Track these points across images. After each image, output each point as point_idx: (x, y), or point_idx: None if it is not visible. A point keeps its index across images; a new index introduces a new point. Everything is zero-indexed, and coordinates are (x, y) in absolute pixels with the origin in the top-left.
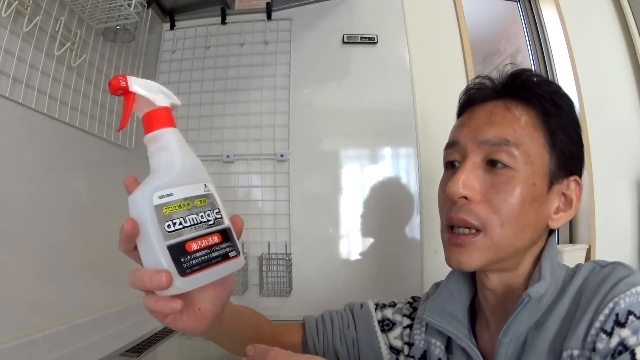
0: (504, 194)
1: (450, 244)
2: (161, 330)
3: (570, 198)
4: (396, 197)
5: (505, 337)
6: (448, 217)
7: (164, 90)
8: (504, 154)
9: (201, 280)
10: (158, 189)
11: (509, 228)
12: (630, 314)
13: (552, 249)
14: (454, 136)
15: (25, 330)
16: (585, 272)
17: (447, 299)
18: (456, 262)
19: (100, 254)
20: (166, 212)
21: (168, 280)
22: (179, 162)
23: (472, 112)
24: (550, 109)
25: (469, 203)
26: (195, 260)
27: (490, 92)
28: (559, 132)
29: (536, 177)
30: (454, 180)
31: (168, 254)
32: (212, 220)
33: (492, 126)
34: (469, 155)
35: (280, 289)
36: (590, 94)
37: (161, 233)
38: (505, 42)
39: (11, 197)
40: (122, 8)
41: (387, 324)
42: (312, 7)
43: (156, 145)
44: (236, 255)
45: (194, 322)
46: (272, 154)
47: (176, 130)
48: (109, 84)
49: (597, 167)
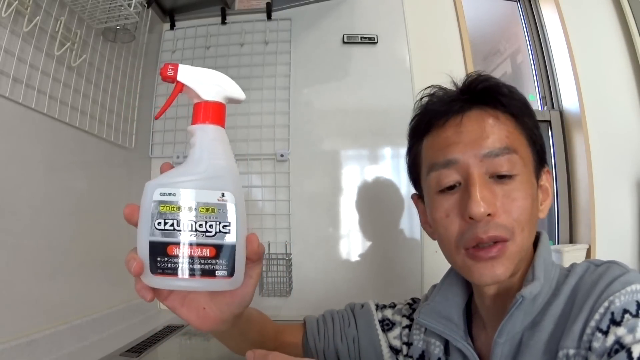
0: (519, 201)
1: (480, 260)
2: (161, 330)
3: (545, 187)
4: (396, 197)
5: (500, 338)
6: (474, 237)
7: (224, 83)
8: (506, 162)
9: (170, 284)
10: (162, 185)
11: (527, 230)
12: (625, 312)
13: (545, 249)
14: (447, 155)
15: (25, 330)
16: (579, 271)
17: (442, 302)
18: (491, 275)
19: (100, 254)
20: (162, 210)
21: (137, 270)
22: (199, 164)
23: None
24: (520, 109)
25: (492, 218)
26: (171, 264)
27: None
28: (534, 128)
29: (531, 176)
30: (474, 201)
31: (147, 249)
32: (212, 232)
33: (488, 137)
34: (473, 171)
35: (280, 289)
36: (590, 94)
37: (150, 227)
38: (505, 42)
39: (11, 197)
40: (122, 8)
41: (387, 324)
42: (312, 7)
43: (190, 139)
44: (225, 275)
45: (194, 317)
46: (272, 154)
47: (216, 128)
48: (160, 71)
49: (597, 167)
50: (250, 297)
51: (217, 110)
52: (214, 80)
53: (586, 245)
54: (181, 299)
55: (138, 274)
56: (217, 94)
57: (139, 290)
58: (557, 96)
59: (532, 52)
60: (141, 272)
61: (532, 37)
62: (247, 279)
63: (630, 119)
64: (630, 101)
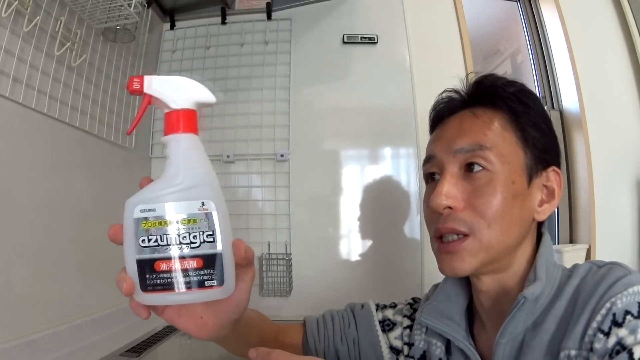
0: (486, 196)
1: (440, 252)
2: (161, 330)
3: (551, 188)
4: (396, 197)
5: (502, 338)
6: (436, 228)
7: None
8: (479, 158)
9: (162, 300)
10: (141, 202)
11: (496, 228)
12: (627, 313)
13: (547, 249)
14: (429, 151)
15: (25, 330)
16: (582, 272)
17: (444, 302)
18: (449, 269)
19: (100, 254)
20: (144, 227)
21: (127, 290)
22: (176, 176)
23: (443, 125)
24: (517, 107)
25: (454, 212)
26: (160, 280)
27: (458, 104)
28: (529, 129)
29: (514, 175)
30: (436, 193)
31: (135, 267)
32: (197, 243)
33: (463, 135)
34: (446, 166)
35: (280, 289)
36: (590, 93)
37: (134, 246)
38: (505, 42)
39: (11, 197)
40: (122, 8)
41: (387, 324)
42: (312, 7)
43: (165, 151)
44: (216, 284)
45: (192, 327)
46: (272, 154)
47: (189, 136)
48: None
49: (597, 167)
50: (246, 302)
51: (187, 118)
52: (181, 86)
53: (586, 245)
54: (178, 311)
55: (129, 293)
56: (186, 101)
57: (134, 308)
58: (557, 96)
59: (532, 52)
60: (132, 291)
61: (532, 37)
62: (241, 284)
63: (630, 119)
64: (630, 101)
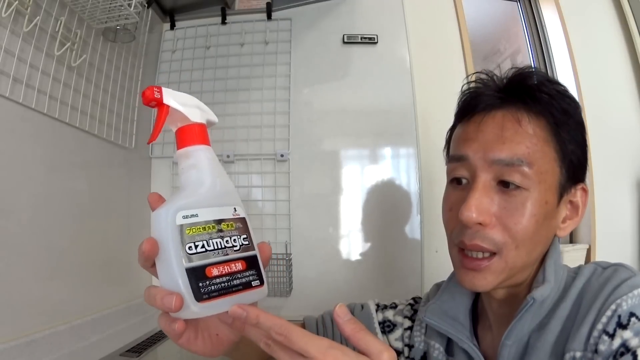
0: (519, 217)
1: (463, 267)
2: (161, 330)
3: (577, 205)
4: (396, 197)
5: (509, 340)
6: (461, 241)
7: (201, 105)
8: (517, 174)
9: (218, 308)
10: (183, 208)
11: (523, 249)
12: (632, 315)
13: (556, 252)
14: (460, 150)
15: (25, 330)
16: (587, 273)
17: (449, 301)
18: (470, 284)
19: (100, 254)
20: (189, 234)
21: (177, 304)
22: (209, 183)
23: (480, 124)
24: (561, 118)
25: (483, 228)
26: (215, 286)
27: (495, 100)
28: (569, 144)
29: (548, 194)
30: (467, 205)
31: (186, 277)
32: (237, 246)
33: (503, 143)
34: (479, 174)
35: (280, 289)
36: (590, 94)
37: (181, 255)
38: (505, 42)
39: (11, 197)
40: (122, 8)
41: (387, 325)
42: (312, 7)
43: (187, 162)
44: (259, 284)
45: (208, 346)
46: (272, 154)
47: (209, 148)
48: (142, 93)
49: (597, 167)
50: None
51: (205, 131)
52: (194, 103)
53: (586, 245)
54: (195, 331)
55: (180, 307)
56: (201, 117)
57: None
58: None
59: (532, 52)
60: (181, 304)
61: (532, 37)
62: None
63: (630, 119)
64: (630, 101)
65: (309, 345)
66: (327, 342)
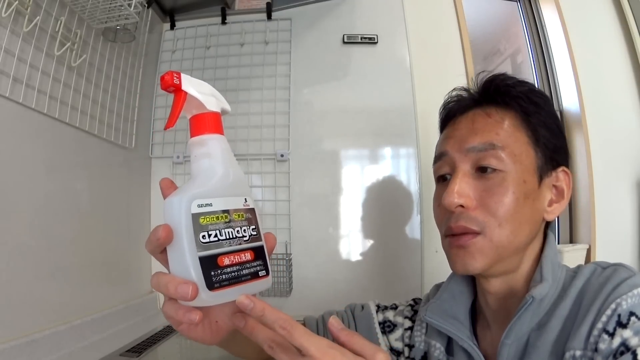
0: (498, 196)
1: (452, 247)
2: (161, 330)
3: (561, 189)
4: (396, 197)
5: (508, 339)
6: (447, 227)
7: (217, 94)
8: (491, 158)
9: (227, 296)
10: (198, 197)
11: (507, 227)
12: (632, 315)
13: (552, 250)
14: (441, 148)
15: (25, 330)
16: (586, 273)
17: (449, 301)
18: (461, 265)
19: (101, 254)
20: (203, 223)
21: (194, 293)
22: (222, 172)
23: (455, 124)
24: (529, 107)
25: (466, 210)
26: (225, 275)
27: (469, 102)
28: (540, 129)
29: (526, 174)
30: (448, 192)
31: (199, 266)
32: (247, 236)
33: (476, 134)
34: (458, 164)
35: (280, 289)
36: (590, 94)
37: (195, 243)
38: (505, 42)
39: (11, 197)
40: (122, 8)
41: (388, 325)
42: (312, 7)
43: (201, 150)
44: (265, 274)
45: (208, 334)
46: (272, 154)
47: (223, 138)
48: (161, 78)
49: (597, 167)
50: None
51: (219, 120)
52: (210, 90)
53: (586, 245)
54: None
55: (195, 296)
56: (216, 105)
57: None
58: (557, 96)
59: (532, 52)
60: (197, 292)
61: (532, 37)
62: None
63: (630, 119)
64: (630, 101)
65: (310, 343)
66: (326, 342)
